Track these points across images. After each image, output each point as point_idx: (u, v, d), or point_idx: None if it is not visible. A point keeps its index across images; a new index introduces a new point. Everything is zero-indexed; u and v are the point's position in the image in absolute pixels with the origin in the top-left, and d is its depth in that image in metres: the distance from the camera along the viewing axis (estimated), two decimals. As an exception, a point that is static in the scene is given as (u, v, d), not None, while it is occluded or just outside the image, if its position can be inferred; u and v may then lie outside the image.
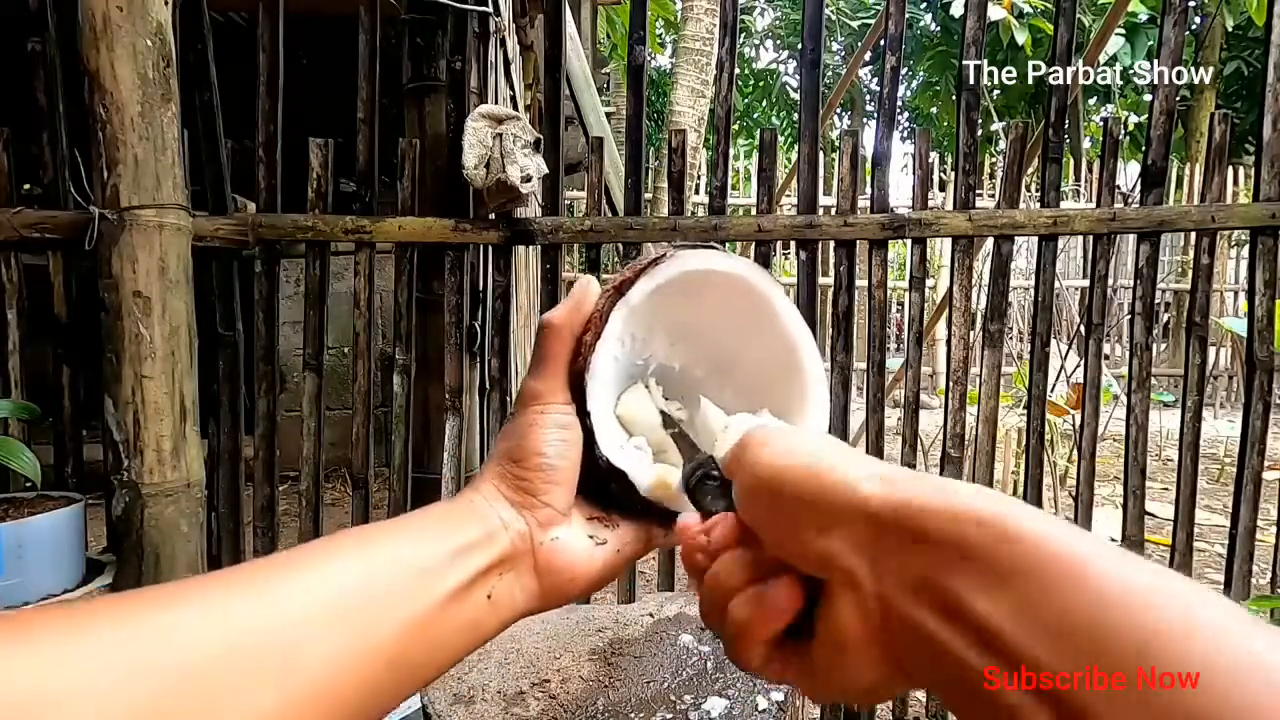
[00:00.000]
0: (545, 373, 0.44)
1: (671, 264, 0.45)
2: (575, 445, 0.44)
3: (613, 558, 0.45)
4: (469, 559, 0.40)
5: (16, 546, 1.36)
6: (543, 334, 0.45)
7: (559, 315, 0.45)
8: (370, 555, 0.37)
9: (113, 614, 0.30)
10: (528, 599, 0.43)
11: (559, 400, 0.44)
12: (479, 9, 1.86)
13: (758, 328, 0.48)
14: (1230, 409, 7.06)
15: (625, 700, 0.75)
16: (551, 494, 0.43)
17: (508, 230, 1.82)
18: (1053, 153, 1.82)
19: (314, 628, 0.33)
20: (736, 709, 0.74)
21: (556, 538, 0.43)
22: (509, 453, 0.44)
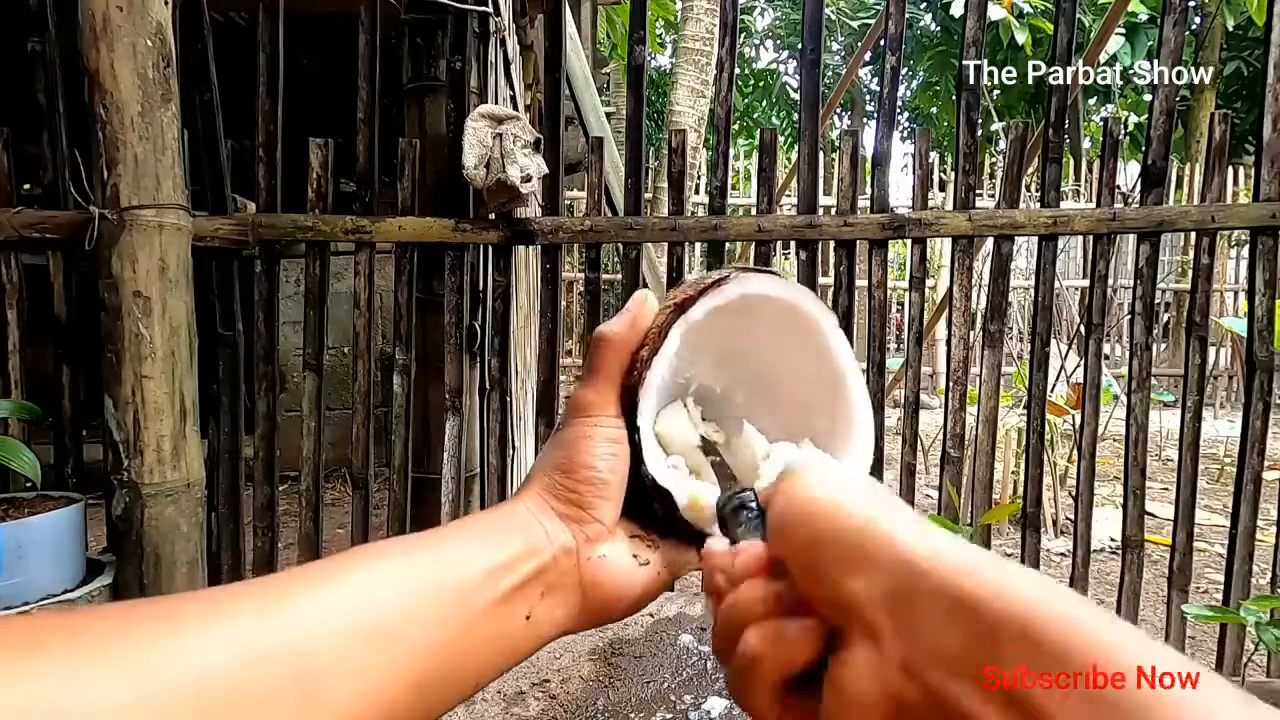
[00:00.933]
0: (598, 384, 0.43)
1: (734, 285, 0.44)
2: (624, 460, 0.42)
3: (653, 579, 0.43)
4: (507, 575, 0.38)
5: (16, 546, 1.36)
6: (597, 345, 0.44)
7: (615, 328, 0.43)
8: (403, 572, 0.36)
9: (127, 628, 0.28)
10: (569, 616, 0.41)
11: (610, 413, 0.43)
12: (479, 9, 1.86)
13: (805, 355, 0.47)
14: (1230, 409, 7.06)
15: (625, 700, 0.75)
16: (601, 509, 0.42)
17: (508, 230, 1.82)
18: (1053, 153, 1.82)
19: (340, 649, 0.32)
20: (736, 709, 0.74)
21: (604, 555, 0.42)
22: (558, 463, 0.42)
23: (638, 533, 0.44)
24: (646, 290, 0.45)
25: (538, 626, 0.39)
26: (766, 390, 0.49)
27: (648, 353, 0.43)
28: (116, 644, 0.27)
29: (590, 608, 0.42)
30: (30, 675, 0.25)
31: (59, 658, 0.26)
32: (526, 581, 0.38)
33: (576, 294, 7.41)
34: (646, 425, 0.43)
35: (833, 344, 0.47)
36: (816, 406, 0.47)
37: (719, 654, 0.36)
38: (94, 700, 0.25)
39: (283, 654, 0.30)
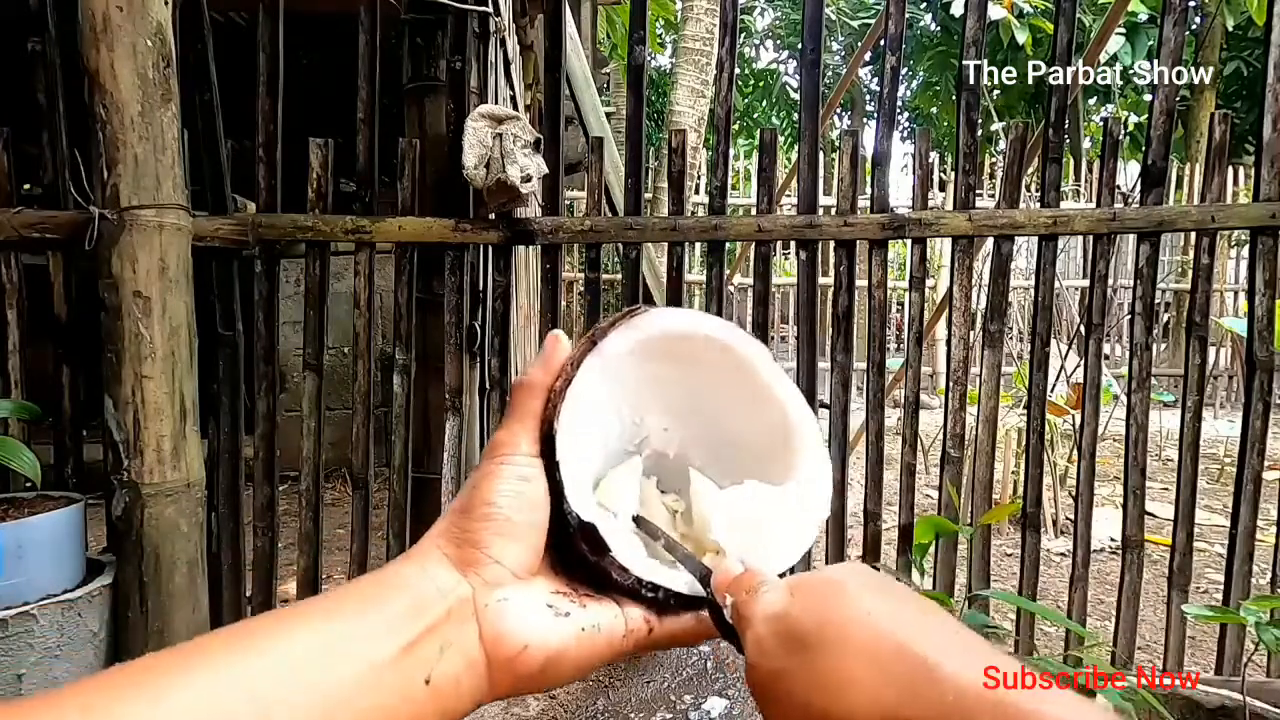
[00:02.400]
0: (510, 424, 0.41)
1: (650, 319, 0.43)
2: (536, 502, 0.39)
3: (579, 636, 0.38)
4: (388, 636, 0.34)
5: (16, 546, 1.36)
6: (513, 390, 0.42)
7: (533, 373, 0.42)
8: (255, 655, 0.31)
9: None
10: (475, 678, 0.36)
11: (521, 451, 0.40)
12: (479, 9, 1.86)
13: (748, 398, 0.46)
14: (1230, 409, 7.06)
15: (625, 700, 0.75)
16: (499, 549, 0.37)
17: (508, 230, 1.82)
18: (1053, 153, 1.82)
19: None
20: (736, 709, 0.74)
21: (505, 599, 0.37)
22: (459, 505, 0.39)
23: (563, 588, 0.40)
24: (558, 331, 0.44)
25: (441, 693, 0.35)
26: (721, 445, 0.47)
27: (561, 384, 0.41)
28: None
29: (497, 663, 0.36)
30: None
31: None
32: (417, 639, 0.34)
33: (576, 294, 7.41)
34: (569, 462, 0.40)
35: (771, 381, 0.45)
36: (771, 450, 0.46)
37: None
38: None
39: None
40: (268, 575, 1.89)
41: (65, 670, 1.37)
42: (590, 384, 0.41)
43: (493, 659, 0.36)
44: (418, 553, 0.38)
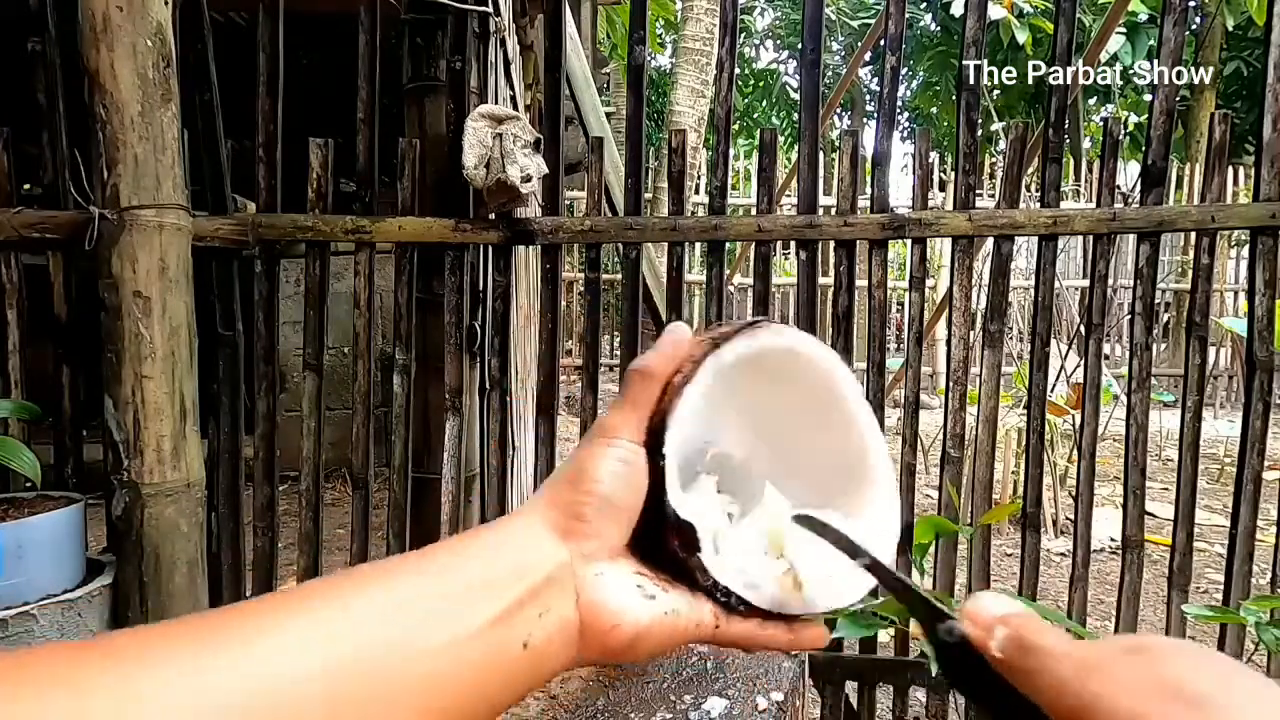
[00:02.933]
0: (623, 409, 0.42)
1: (769, 334, 0.44)
2: (636, 485, 0.40)
3: (663, 620, 0.39)
4: (497, 595, 0.34)
5: (16, 546, 1.36)
6: (629, 377, 0.42)
7: (653, 361, 0.42)
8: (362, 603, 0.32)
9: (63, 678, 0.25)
10: (568, 642, 0.37)
11: (628, 436, 0.41)
12: (479, 9, 1.86)
13: (828, 422, 0.46)
14: (1230, 409, 7.06)
15: (625, 700, 0.75)
16: (600, 525, 0.38)
17: (508, 230, 1.82)
18: (1053, 153, 1.82)
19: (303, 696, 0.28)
20: (736, 709, 0.74)
21: (601, 573, 0.38)
22: (564, 476, 0.40)
23: (645, 570, 0.41)
24: (681, 323, 0.44)
25: (537, 656, 0.35)
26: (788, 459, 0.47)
27: (680, 380, 0.41)
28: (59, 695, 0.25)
29: (591, 633, 0.37)
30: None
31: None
32: (519, 602, 0.35)
33: (576, 294, 7.41)
34: (673, 454, 0.40)
35: (858, 415, 0.46)
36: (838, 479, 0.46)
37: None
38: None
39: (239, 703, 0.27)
40: (268, 575, 1.89)
41: (65, 670, 1.37)
42: (706, 386, 0.42)
43: (587, 628, 0.37)
44: (522, 516, 0.39)
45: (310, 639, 0.29)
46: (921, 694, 2.04)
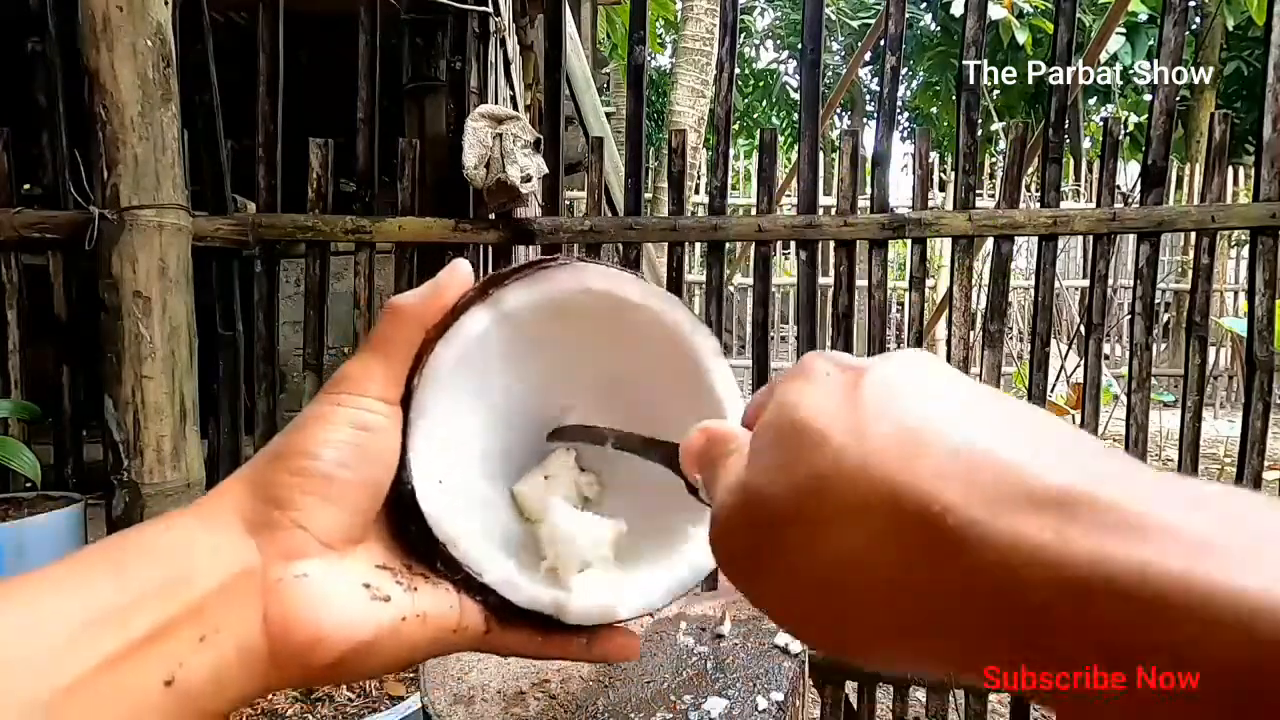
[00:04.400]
0: (366, 357, 0.33)
1: (569, 274, 0.36)
2: (377, 457, 0.32)
3: (397, 625, 0.31)
4: (111, 629, 0.25)
5: (16, 546, 1.36)
6: (383, 314, 0.34)
7: (408, 298, 0.34)
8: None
9: None
10: (247, 672, 0.28)
11: (370, 393, 0.32)
12: (479, 9, 1.86)
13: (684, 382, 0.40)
14: (1230, 409, 7.06)
15: (625, 700, 0.75)
16: (309, 511, 0.30)
17: (508, 230, 1.82)
18: (1053, 153, 1.82)
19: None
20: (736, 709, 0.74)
21: (304, 574, 0.29)
22: (272, 449, 0.31)
23: (392, 562, 0.32)
24: (461, 259, 0.36)
25: (190, 694, 0.26)
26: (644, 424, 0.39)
27: (435, 333, 0.34)
28: None
29: (286, 655, 0.28)
30: None
31: None
32: (161, 630, 0.26)
33: (576, 294, 7.39)
34: (425, 425, 0.34)
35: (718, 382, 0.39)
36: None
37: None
38: None
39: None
40: (268, 575, 1.89)
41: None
42: (479, 336, 0.35)
43: (278, 648, 0.28)
44: (202, 506, 0.30)
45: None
46: (921, 694, 2.04)
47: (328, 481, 0.30)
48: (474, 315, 0.35)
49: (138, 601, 0.26)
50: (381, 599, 0.31)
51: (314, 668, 0.29)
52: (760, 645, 0.90)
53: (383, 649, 0.30)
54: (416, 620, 0.31)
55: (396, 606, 0.31)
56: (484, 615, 0.34)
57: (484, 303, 0.35)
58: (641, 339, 0.39)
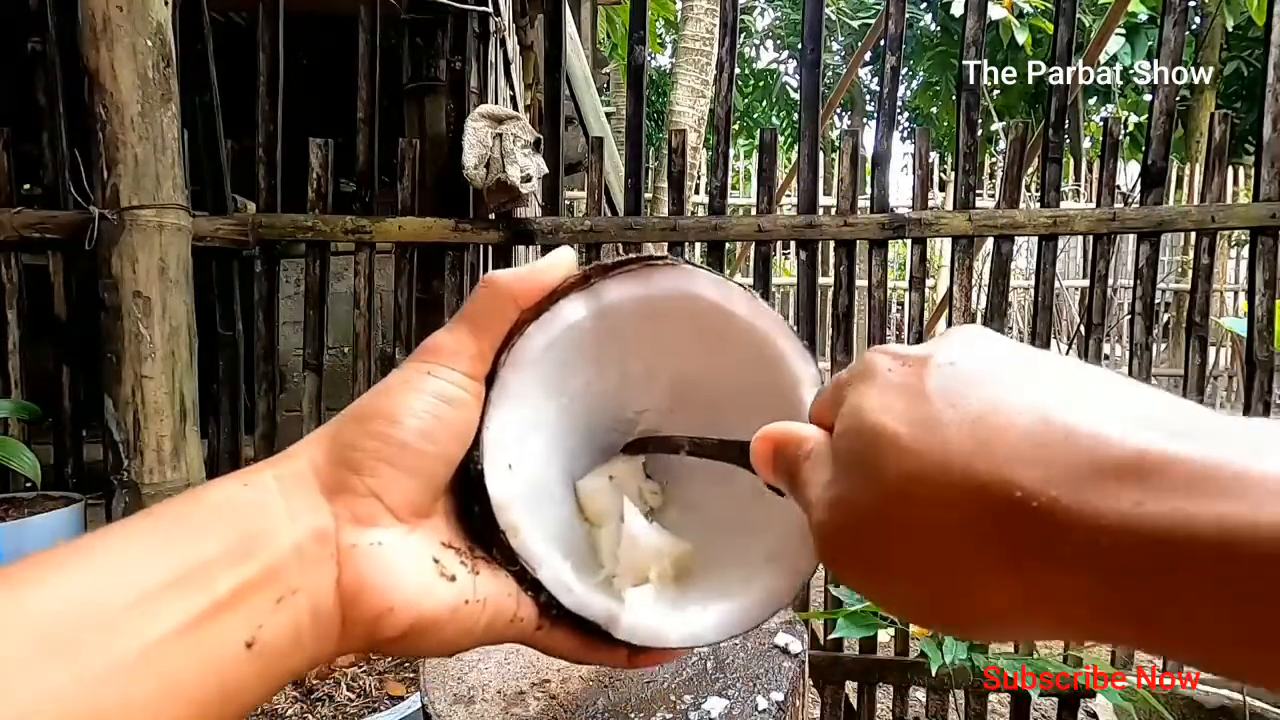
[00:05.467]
0: (459, 330, 0.32)
1: (676, 277, 0.35)
2: (456, 433, 0.31)
3: (459, 608, 0.30)
4: (195, 589, 0.25)
5: (16, 546, 1.36)
6: (478, 292, 0.33)
7: (506, 275, 0.33)
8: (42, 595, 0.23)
9: None
10: (320, 636, 0.28)
11: (458, 366, 0.32)
12: (479, 9, 1.86)
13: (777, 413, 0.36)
14: (1230, 409, 7.05)
15: (625, 700, 0.75)
16: (387, 481, 0.29)
17: (508, 230, 1.82)
18: (1053, 153, 1.82)
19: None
20: (736, 709, 0.74)
21: (378, 543, 0.29)
22: (356, 410, 0.31)
23: (457, 542, 0.32)
24: (567, 248, 0.35)
25: (271, 655, 0.26)
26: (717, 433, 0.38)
27: (530, 315, 0.33)
28: None
29: (356, 618, 0.28)
30: None
31: None
32: (241, 592, 0.25)
33: (576, 294, 7.39)
34: (504, 407, 0.32)
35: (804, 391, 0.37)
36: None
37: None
38: None
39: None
40: (268, 575, 1.89)
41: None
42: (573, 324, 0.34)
43: (349, 614, 0.28)
44: (281, 463, 0.30)
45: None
46: (921, 694, 2.04)
47: (405, 450, 0.30)
48: (573, 302, 0.34)
49: (218, 561, 0.26)
50: (448, 578, 0.30)
51: (379, 638, 0.29)
52: (760, 645, 0.89)
53: (443, 629, 0.30)
54: (478, 605, 0.31)
55: (460, 587, 0.30)
56: (535, 610, 0.33)
57: (585, 290, 0.34)
58: (737, 359, 0.37)
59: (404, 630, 0.29)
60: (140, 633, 0.23)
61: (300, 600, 0.27)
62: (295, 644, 0.27)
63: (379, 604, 0.28)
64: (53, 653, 0.22)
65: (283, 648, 0.26)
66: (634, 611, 0.34)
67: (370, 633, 0.28)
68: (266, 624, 0.26)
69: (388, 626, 0.29)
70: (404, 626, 0.29)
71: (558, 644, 0.34)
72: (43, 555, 0.25)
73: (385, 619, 0.28)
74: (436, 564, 0.30)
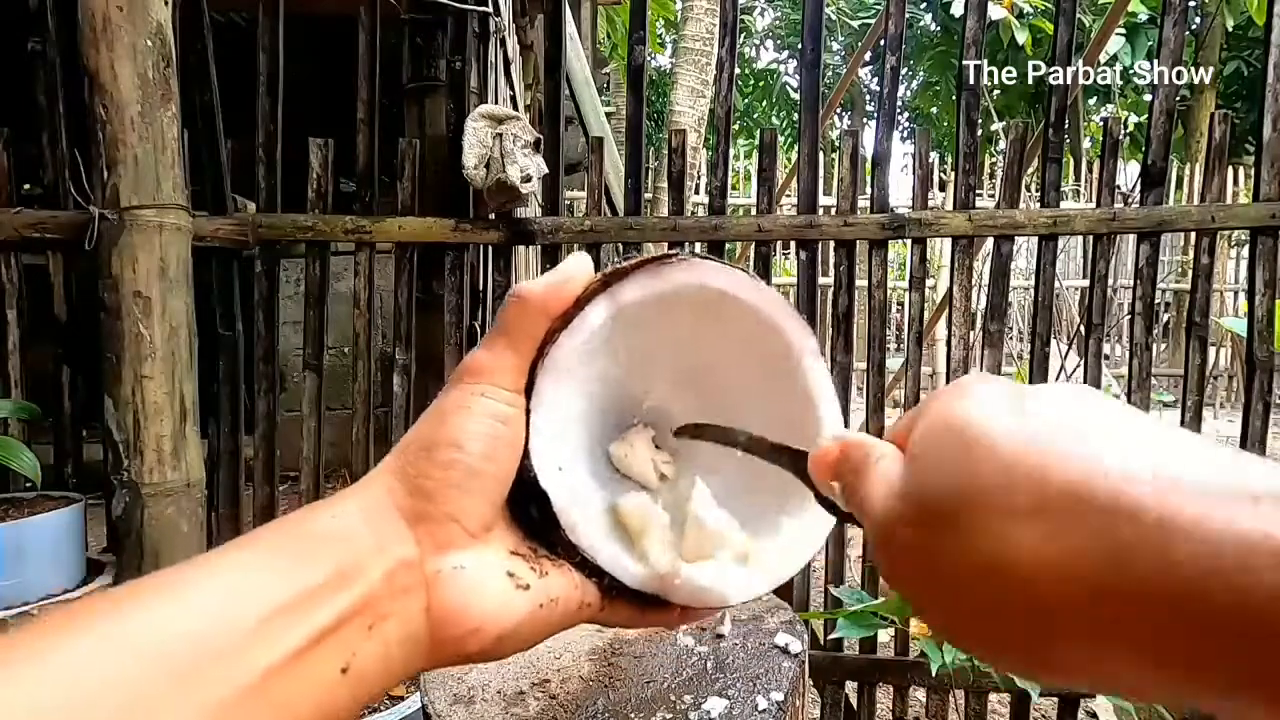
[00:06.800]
0: (498, 346, 0.34)
1: (685, 270, 0.37)
2: (510, 448, 0.33)
3: (538, 613, 0.33)
4: (303, 616, 0.26)
5: (16, 546, 1.36)
6: (509, 304, 0.34)
7: (534, 287, 0.34)
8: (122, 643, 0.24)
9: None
10: (411, 657, 0.30)
11: (505, 384, 0.33)
12: (479, 9, 1.86)
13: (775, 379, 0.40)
14: (1230, 409, 7.06)
15: (625, 700, 0.75)
16: (460, 505, 0.31)
17: (508, 230, 1.82)
18: (1053, 153, 1.82)
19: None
20: (736, 709, 0.74)
21: (460, 566, 0.31)
22: (419, 439, 0.32)
23: (521, 547, 0.34)
24: (584, 254, 0.37)
25: (363, 680, 0.28)
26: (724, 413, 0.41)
27: (559, 324, 0.35)
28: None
29: (444, 639, 0.30)
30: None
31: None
32: (340, 620, 0.27)
33: (576, 294, 7.40)
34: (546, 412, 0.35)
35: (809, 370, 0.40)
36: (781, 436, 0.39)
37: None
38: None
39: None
40: (268, 575, 1.89)
41: (65, 670, 1.37)
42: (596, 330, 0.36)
43: (438, 636, 0.30)
44: (362, 492, 0.32)
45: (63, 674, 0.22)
46: (921, 694, 2.04)
47: (474, 474, 0.32)
48: (596, 307, 0.36)
49: (317, 592, 0.27)
50: (522, 587, 0.32)
51: (467, 653, 0.31)
52: (760, 645, 0.89)
53: (522, 632, 0.32)
54: (550, 604, 0.33)
55: (534, 594, 0.33)
56: (599, 592, 0.36)
57: (605, 294, 0.36)
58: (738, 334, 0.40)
59: (490, 644, 0.31)
60: (256, 661, 0.25)
61: (390, 627, 0.29)
62: (384, 667, 0.29)
63: (466, 624, 0.31)
64: (178, 679, 0.23)
65: (373, 671, 0.28)
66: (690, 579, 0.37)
67: (457, 650, 0.31)
68: (360, 651, 0.28)
69: (474, 642, 0.31)
70: (489, 640, 0.31)
71: (618, 616, 0.37)
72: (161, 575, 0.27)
73: (472, 637, 0.31)
74: (511, 577, 0.32)
